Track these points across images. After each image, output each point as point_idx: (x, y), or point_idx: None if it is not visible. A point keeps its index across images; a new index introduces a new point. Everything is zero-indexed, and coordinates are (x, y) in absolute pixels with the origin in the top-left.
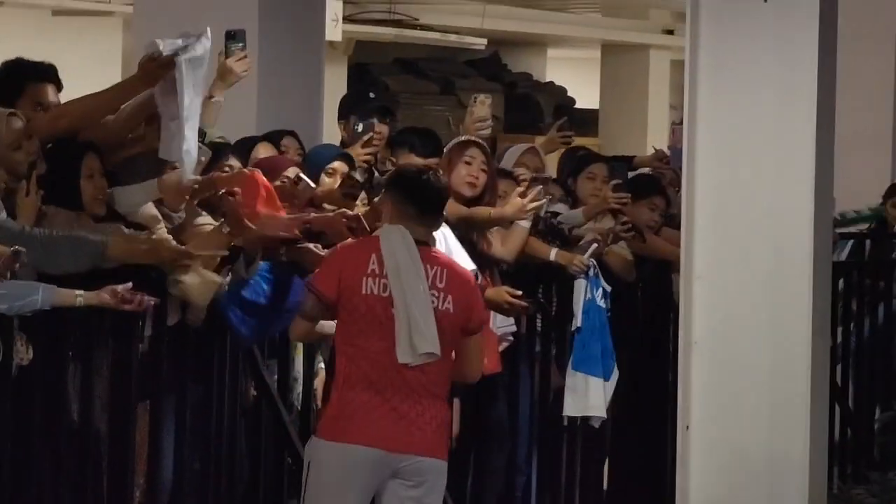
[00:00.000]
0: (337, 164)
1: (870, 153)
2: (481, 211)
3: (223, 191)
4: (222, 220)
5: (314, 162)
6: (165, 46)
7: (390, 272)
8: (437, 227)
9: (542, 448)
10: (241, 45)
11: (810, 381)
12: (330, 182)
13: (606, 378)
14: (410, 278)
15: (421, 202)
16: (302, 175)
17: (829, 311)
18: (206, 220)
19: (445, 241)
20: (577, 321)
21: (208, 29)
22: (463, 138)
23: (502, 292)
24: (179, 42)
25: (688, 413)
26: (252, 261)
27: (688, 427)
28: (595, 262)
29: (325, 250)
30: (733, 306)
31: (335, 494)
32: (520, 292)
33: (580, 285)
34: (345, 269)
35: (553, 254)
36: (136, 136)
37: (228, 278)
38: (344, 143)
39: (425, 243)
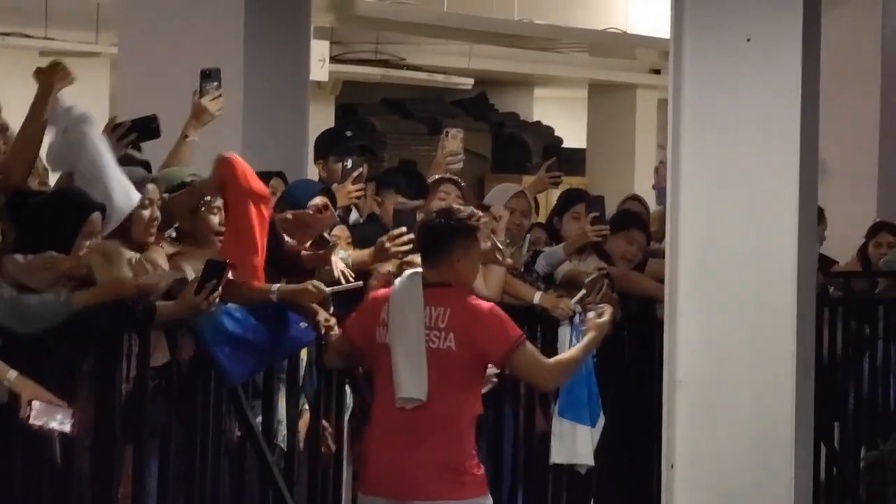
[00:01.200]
0: (319, 201)
1: (854, 191)
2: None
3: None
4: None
5: (295, 197)
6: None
7: (391, 319)
8: (442, 267)
9: (528, 490)
10: (215, 84)
11: (795, 421)
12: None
13: (593, 425)
14: (405, 323)
15: (424, 247)
16: (329, 205)
17: (813, 351)
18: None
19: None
20: None
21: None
22: (437, 176)
23: None
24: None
25: (672, 452)
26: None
27: (672, 466)
28: (581, 309)
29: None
30: (718, 345)
31: None
32: None
33: (564, 332)
34: (367, 317)
35: (537, 297)
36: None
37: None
38: (321, 182)
39: (442, 284)
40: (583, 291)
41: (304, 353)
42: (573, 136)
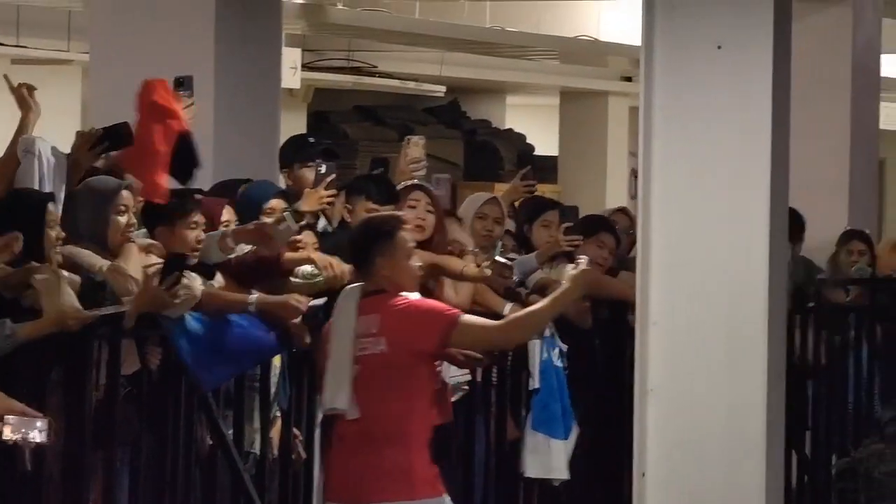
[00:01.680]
0: (275, 203)
1: (826, 199)
2: (453, 263)
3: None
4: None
5: (252, 199)
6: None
7: (331, 333)
8: (372, 276)
9: (499, 499)
10: (188, 92)
11: (766, 428)
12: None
13: (566, 438)
14: (337, 336)
15: (349, 260)
16: (287, 215)
17: (784, 358)
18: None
19: None
20: (535, 382)
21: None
22: (406, 183)
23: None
24: None
25: (644, 460)
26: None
27: (644, 474)
28: (551, 324)
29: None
30: (689, 353)
31: None
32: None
33: (534, 345)
34: (327, 334)
35: (507, 308)
36: None
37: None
38: (289, 190)
39: (377, 292)
40: (537, 276)
41: (276, 361)
42: (545, 143)
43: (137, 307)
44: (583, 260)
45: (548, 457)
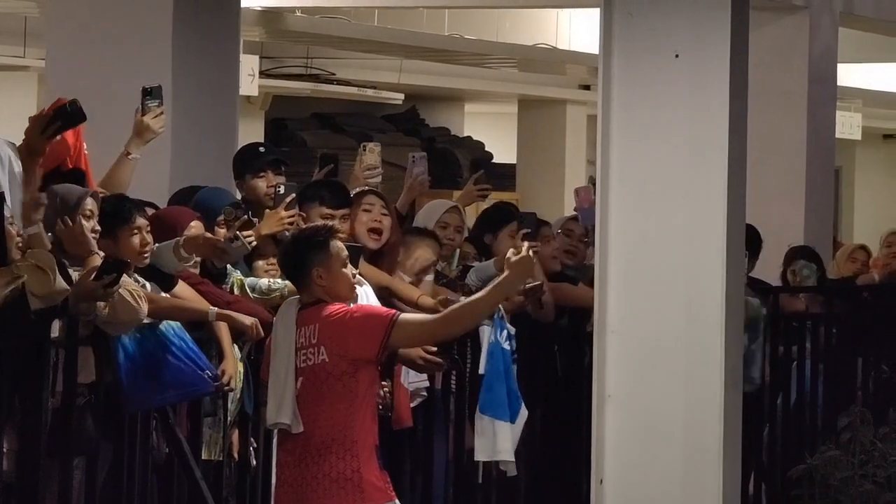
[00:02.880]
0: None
1: (783, 208)
2: (406, 290)
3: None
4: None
5: (205, 206)
6: None
7: (272, 348)
8: (308, 287)
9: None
10: (157, 101)
11: (723, 434)
12: (222, 233)
13: (513, 421)
14: (277, 350)
15: (284, 273)
16: (240, 235)
17: (741, 366)
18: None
19: (367, 298)
20: (482, 367)
21: None
22: (358, 189)
23: (416, 348)
24: None
25: (601, 467)
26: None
27: (602, 481)
28: (500, 305)
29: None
30: (646, 360)
31: None
32: (434, 348)
33: (485, 330)
34: (268, 349)
35: (418, 296)
36: None
37: None
38: (244, 202)
39: (314, 303)
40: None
41: (240, 367)
42: (504, 151)
43: (74, 294)
44: (523, 246)
45: (493, 439)
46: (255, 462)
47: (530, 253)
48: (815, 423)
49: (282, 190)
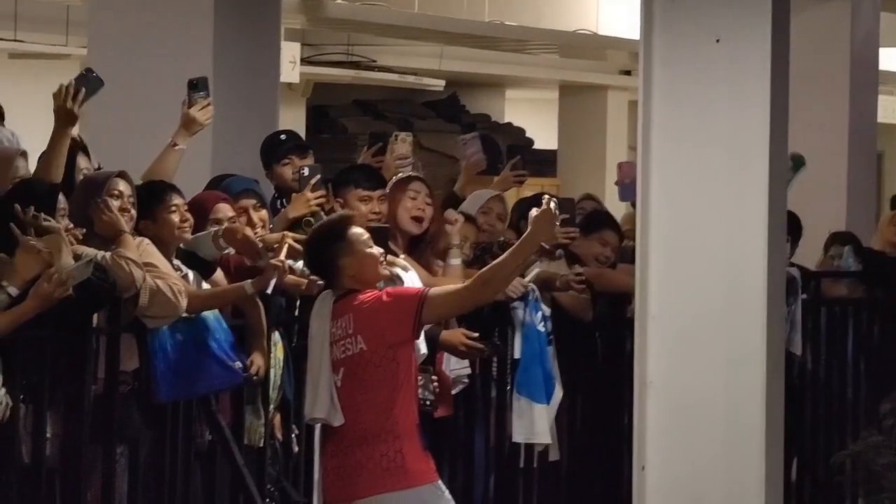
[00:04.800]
0: (244, 202)
1: (824, 194)
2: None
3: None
4: None
5: (229, 194)
6: None
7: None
8: (339, 280)
9: (499, 491)
10: (203, 93)
11: (765, 421)
12: (257, 216)
13: (548, 402)
14: (313, 344)
15: (312, 271)
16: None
17: (783, 351)
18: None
19: (413, 283)
20: (517, 351)
21: None
22: (403, 175)
23: (458, 334)
24: None
25: (643, 454)
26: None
27: (643, 467)
28: (535, 287)
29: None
30: (688, 346)
31: None
32: (476, 334)
33: (516, 313)
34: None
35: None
36: None
37: None
38: (277, 191)
39: (347, 293)
40: (536, 270)
41: (279, 353)
42: (544, 137)
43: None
44: (546, 199)
45: (531, 421)
46: (297, 448)
47: (552, 206)
48: (858, 408)
49: (306, 172)
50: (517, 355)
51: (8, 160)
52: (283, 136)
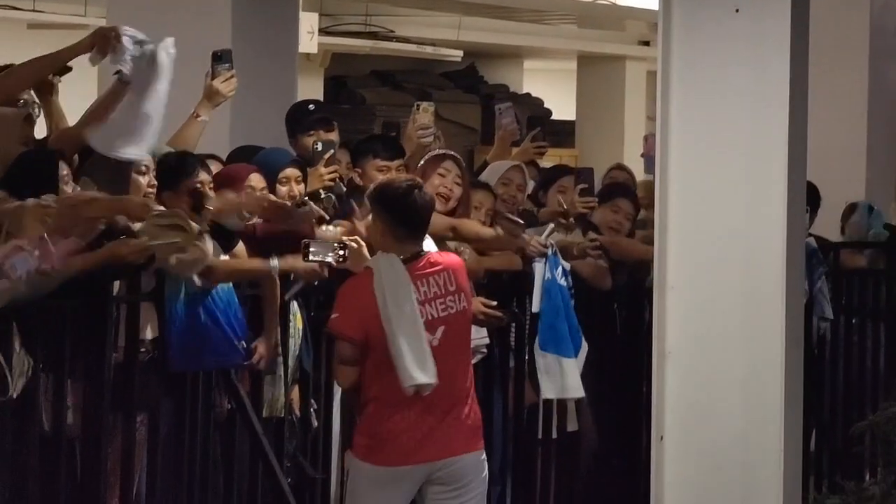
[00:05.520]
0: (290, 172)
1: (844, 165)
2: (467, 225)
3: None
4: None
5: (266, 167)
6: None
7: (380, 308)
8: (424, 237)
9: (517, 461)
10: (227, 65)
11: (784, 391)
12: (285, 191)
13: (576, 356)
14: (396, 315)
15: (409, 222)
16: (308, 200)
17: (802, 321)
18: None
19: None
20: (536, 305)
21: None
22: (438, 152)
23: (477, 303)
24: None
25: (662, 423)
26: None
27: (662, 437)
28: (553, 243)
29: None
30: (707, 316)
31: None
32: (494, 303)
33: (538, 269)
34: (361, 307)
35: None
36: None
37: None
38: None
39: (418, 254)
40: (551, 226)
41: (298, 323)
42: (563, 108)
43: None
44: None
45: (560, 377)
46: (315, 423)
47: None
48: (878, 380)
49: (319, 147)
50: (535, 309)
51: (13, 122)
52: (311, 107)
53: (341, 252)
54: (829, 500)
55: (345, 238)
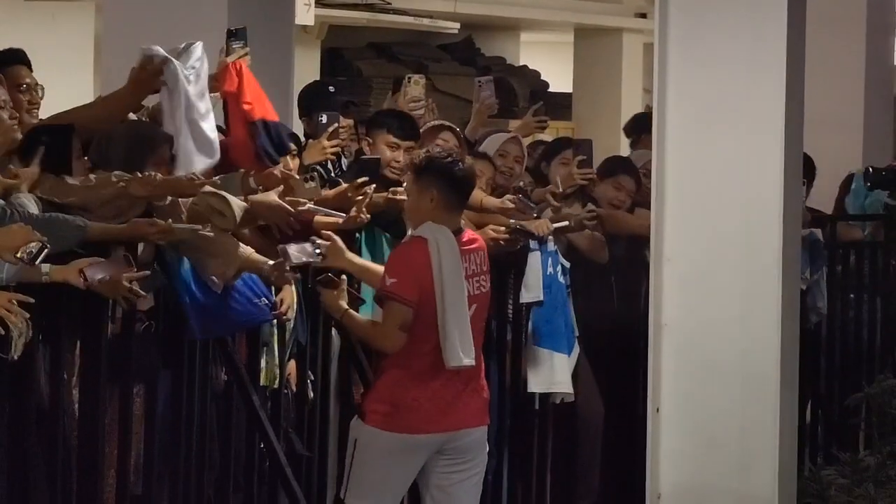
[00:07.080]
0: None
1: (840, 135)
2: (475, 194)
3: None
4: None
5: None
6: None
7: (436, 281)
8: (460, 215)
9: (514, 433)
10: (241, 42)
11: (780, 364)
12: (293, 164)
13: (569, 353)
14: (451, 289)
15: (460, 192)
16: (315, 176)
17: (798, 294)
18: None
19: None
20: (532, 294)
21: (200, 44)
22: (436, 122)
23: (488, 231)
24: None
25: (658, 395)
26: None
27: (658, 409)
28: (552, 239)
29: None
30: (703, 288)
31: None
32: (502, 227)
33: (535, 258)
34: (418, 274)
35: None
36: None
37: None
38: (308, 137)
39: (460, 229)
40: (564, 223)
41: (294, 298)
42: (559, 80)
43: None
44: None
45: (551, 371)
46: (311, 395)
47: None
48: (873, 351)
49: (324, 119)
50: (531, 298)
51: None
52: (331, 89)
53: (318, 251)
54: (825, 472)
55: (316, 239)
